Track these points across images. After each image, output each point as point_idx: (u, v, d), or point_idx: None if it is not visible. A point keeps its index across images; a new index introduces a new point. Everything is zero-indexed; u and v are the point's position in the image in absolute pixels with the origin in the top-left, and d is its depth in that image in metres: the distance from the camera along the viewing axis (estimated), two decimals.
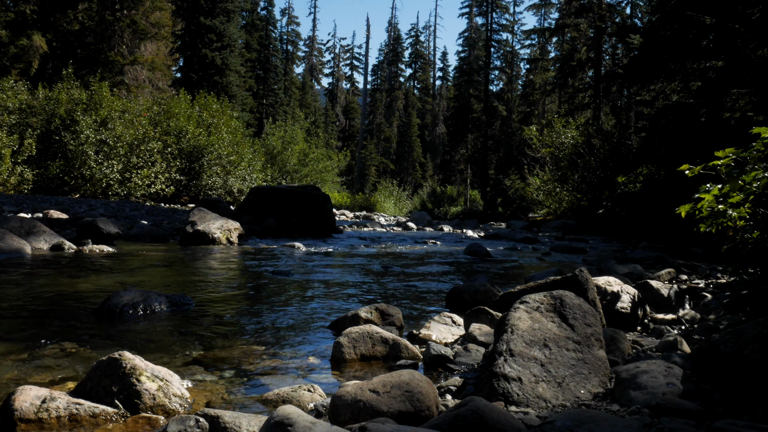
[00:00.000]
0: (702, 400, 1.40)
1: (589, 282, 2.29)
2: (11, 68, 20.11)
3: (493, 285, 3.20)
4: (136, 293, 2.84)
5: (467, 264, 5.67)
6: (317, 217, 9.33)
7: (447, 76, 56.74)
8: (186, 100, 19.82)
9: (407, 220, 17.16)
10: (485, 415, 1.22)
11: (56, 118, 15.55)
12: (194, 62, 29.69)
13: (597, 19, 23.12)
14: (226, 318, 2.77)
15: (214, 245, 6.57)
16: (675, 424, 1.23)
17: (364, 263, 5.43)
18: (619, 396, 1.46)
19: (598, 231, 11.49)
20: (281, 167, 27.07)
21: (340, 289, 3.78)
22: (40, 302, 2.93)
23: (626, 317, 2.44)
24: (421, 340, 2.36)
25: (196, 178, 18.70)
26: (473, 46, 40.21)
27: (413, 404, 1.41)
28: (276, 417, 1.14)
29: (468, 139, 37.62)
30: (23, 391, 1.43)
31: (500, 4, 37.80)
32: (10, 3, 21.46)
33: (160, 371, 1.61)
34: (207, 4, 29.91)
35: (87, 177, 15.18)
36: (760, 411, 1.31)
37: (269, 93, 41.26)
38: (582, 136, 14.97)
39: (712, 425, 1.20)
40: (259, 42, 41.48)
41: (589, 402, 1.49)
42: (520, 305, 1.71)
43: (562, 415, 1.29)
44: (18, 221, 5.50)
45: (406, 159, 50.65)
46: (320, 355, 2.16)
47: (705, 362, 1.52)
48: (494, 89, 39.66)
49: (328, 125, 49.87)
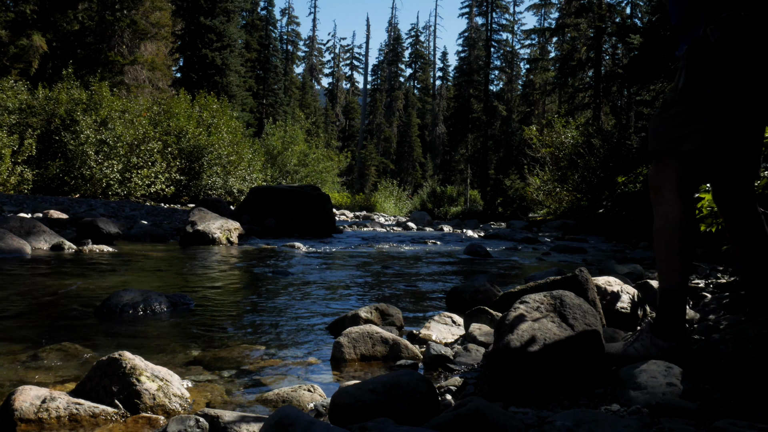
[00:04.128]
0: (702, 400, 1.40)
1: (589, 282, 2.29)
2: (11, 68, 20.11)
3: (493, 285, 3.20)
4: (136, 293, 2.84)
5: (467, 264, 5.67)
6: (317, 217, 9.33)
7: (447, 76, 56.74)
8: (186, 100, 19.82)
9: (407, 220, 17.17)
10: (485, 415, 1.22)
11: (56, 118, 15.56)
12: (194, 62, 29.70)
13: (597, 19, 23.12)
14: (226, 318, 2.78)
15: (214, 245, 6.58)
16: (675, 424, 1.23)
17: (364, 263, 5.43)
18: (619, 396, 1.46)
19: (598, 231, 11.49)
20: (281, 167, 27.08)
21: (340, 289, 3.78)
22: (40, 302, 2.93)
23: (626, 317, 2.44)
24: (421, 340, 2.36)
25: (196, 178, 18.70)
26: (473, 46, 40.21)
27: (413, 404, 1.41)
28: (276, 417, 1.14)
29: (468, 139, 37.63)
30: (23, 391, 1.43)
31: (500, 4, 37.81)
32: (10, 3, 21.46)
33: (160, 371, 1.61)
34: (207, 4, 29.91)
35: (87, 177, 15.18)
36: (760, 411, 1.31)
37: (269, 93, 41.27)
38: (582, 136, 14.97)
39: (712, 425, 1.20)
40: (259, 42, 41.47)
41: (588, 402, 1.49)
42: (519, 305, 1.71)
43: (561, 414, 1.29)
44: (18, 221, 5.50)
45: (406, 159, 50.66)
46: (320, 355, 2.16)
47: (705, 362, 1.52)
48: (494, 89, 39.67)
49: (328, 125, 49.88)
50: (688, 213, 1.71)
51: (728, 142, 1.63)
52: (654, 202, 1.78)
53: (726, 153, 1.68)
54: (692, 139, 1.64)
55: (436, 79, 58.45)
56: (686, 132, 1.65)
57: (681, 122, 1.67)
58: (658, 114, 1.76)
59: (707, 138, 1.62)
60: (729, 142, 1.63)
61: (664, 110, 1.73)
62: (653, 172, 1.78)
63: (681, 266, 1.70)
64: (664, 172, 1.73)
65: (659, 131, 1.73)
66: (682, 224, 1.69)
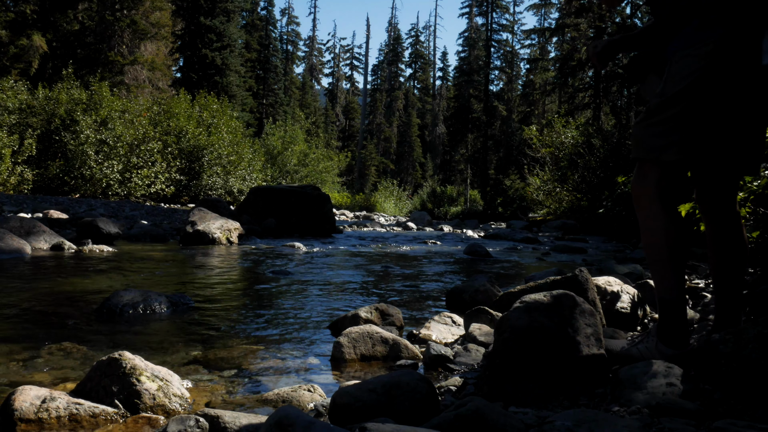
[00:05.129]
0: (702, 400, 1.40)
1: (589, 282, 2.29)
2: (11, 68, 20.12)
3: (493, 285, 3.20)
4: (136, 293, 2.84)
5: (467, 264, 5.67)
6: (317, 217, 9.33)
7: (447, 76, 56.75)
8: (186, 100, 19.82)
9: (407, 220, 17.17)
10: (485, 415, 1.22)
11: (56, 118, 15.56)
12: (194, 62, 29.69)
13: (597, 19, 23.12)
14: (226, 318, 2.78)
15: (214, 245, 6.58)
16: (675, 424, 1.23)
17: (364, 263, 5.43)
18: (619, 396, 1.46)
19: (598, 231, 11.49)
20: (281, 167, 27.08)
21: (340, 289, 3.78)
22: (40, 302, 2.93)
23: (626, 317, 2.44)
24: (421, 340, 2.36)
25: (196, 178, 18.70)
26: (473, 46, 40.23)
27: (413, 404, 1.41)
28: (276, 417, 1.14)
29: (468, 139, 37.63)
30: (23, 391, 1.43)
31: (500, 4, 37.83)
32: (10, 3, 21.46)
33: (160, 371, 1.61)
34: (207, 4, 29.91)
35: (87, 177, 15.18)
36: (760, 411, 1.31)
37: (269, 93, 41.27)
38: (582, 136, 14.96)
39: (712, 425, 1.20)
40: (259, 42, 41.48)
41: (588, 402, 1.49)
42: (519, 305, 1.71)
43: (561, 414, 1.29)
44: (18, 221, 5.50)
45: (406, 159, 50.66)
46: (320, 355, 2.16)
47: (705, 362, 1.52)
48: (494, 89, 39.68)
49: (328, 125, 49.88)
50: (673, 221, 1.68)
51: (703, 156, 1.61)
52: (637, 210, 1.75)
53: (702, 166, 1.66)
54: (670, 151, 1.61)
55: (436, 79, 58.49)
56: (664, 143, 1.62)
57: (659, 132, 1.64)
58: (641, 120, 1.71)
59: (681, 151, 1.60)
60: (704, 156, 1.61)
61: (646, 117, 1.69)
62: (636, 179, 1.74)
63: (672, 275, 1.68)
64: (646, 180, 1.69)
65: (641, 138, 1.70)
66: (668, 234, 1.67)
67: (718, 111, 1.56)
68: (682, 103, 1.59)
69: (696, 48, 1.57)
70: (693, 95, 1.57)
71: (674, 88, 1.60)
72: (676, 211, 1.71)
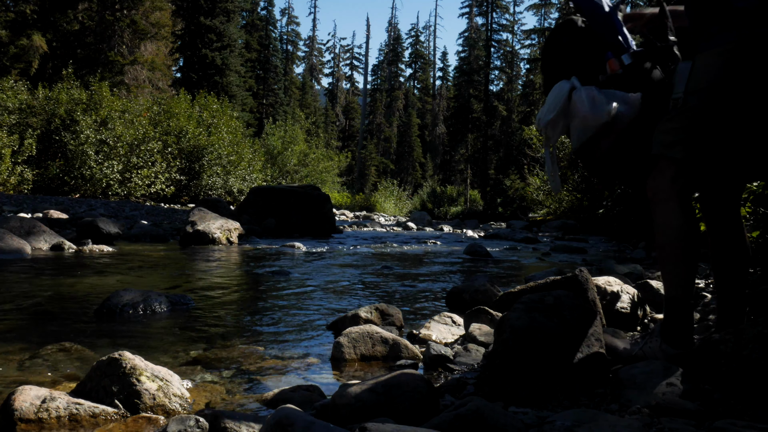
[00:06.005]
0: (702, 400, 1.40)
1: (589, 282, 2.29)
2: (11, 68, 20.12)
3: (493, 285, 3.20)
4: (136, 293, 2.84)
5: (467, 264, 5.67)
6: (317, 217, 9.33)
7: (447, 76, 56.76)
8: (186, 100, 19.82)
9: (407, 220, 17.17)
10: (485, 415, 1.22)
11: (56, 118, 15.56)
12: (194, 62, 29.70)
13: None
14: (226, 318, 2.78)
15: (214, 245, 6.58)
16: (675, 424, 1.23)
17: (364, 263, 5.43)
18: (619, 396, 1.46)
19: (598, 231, 11.49)
20: (281, 167, 27.09)
21: (339, 289, 3.78)
22: (40, 302, 2.93)
23: (626, 317, 2.44)
24: (421, 340, 2.36)
25: (196, 178, 18.71)
26: (473, 46, 40.24)
27: (413, 404, 1.41)
28: (276, 417, 1.14)
29: (468, 139, 37.64)
30: (23, 391, 1.43)
31: (500, 4, 37.85)
32: (10, 3, 21.46)
33: (160, 371, 1.61)
34: (207, 4, 29.91)
35: (87, 177, 15.19)
36: (760, 411, 1.31)
37: (269, 93, 41.29)
38: None
39: (712, 425, 1.20)
40: (259, 42, 41.48)
41: (588, 402, 1.49)
42: (519, 305, 1.71)
43: (561, 414, 1.29)
44: (18, 221, 5.50)
45: (406, 159, 50.66)
46: (320, 355, 2.16)
47: (705, 362, 1.52)
48: (494, 89, 39.68)
49: (328, 125, 49.87)
50: (688, 218, 1.68)
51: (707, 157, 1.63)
52: (652, 206, 1.76)
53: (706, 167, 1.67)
54: (676, 149, 1.64)
55: (436, 79, 58.50)
56: (672, 140, 1.65)
57: (670, 128, 1.66)
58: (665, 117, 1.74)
59: (686, 150, 1.62)
60: (708, 157, 1.63)
61: (669, 114, 1.71)
62: (652, 175, 1.75)
63: (684, 273, 1.67)
64: (661, 176, 1.71)
65: (656, 134, 1.72)
66: (681, 231, 1.66)
67: (730, 113, 1.57)
68: (696, 102, 1.61)
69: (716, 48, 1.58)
70: (709, 95, 1.58)
71: (694, 86, 1.62)
72: (692, 210, 1.71)
